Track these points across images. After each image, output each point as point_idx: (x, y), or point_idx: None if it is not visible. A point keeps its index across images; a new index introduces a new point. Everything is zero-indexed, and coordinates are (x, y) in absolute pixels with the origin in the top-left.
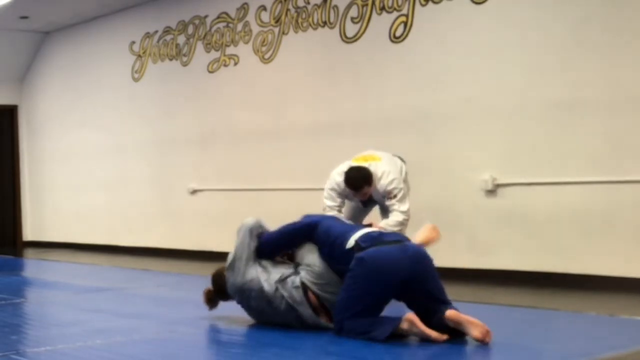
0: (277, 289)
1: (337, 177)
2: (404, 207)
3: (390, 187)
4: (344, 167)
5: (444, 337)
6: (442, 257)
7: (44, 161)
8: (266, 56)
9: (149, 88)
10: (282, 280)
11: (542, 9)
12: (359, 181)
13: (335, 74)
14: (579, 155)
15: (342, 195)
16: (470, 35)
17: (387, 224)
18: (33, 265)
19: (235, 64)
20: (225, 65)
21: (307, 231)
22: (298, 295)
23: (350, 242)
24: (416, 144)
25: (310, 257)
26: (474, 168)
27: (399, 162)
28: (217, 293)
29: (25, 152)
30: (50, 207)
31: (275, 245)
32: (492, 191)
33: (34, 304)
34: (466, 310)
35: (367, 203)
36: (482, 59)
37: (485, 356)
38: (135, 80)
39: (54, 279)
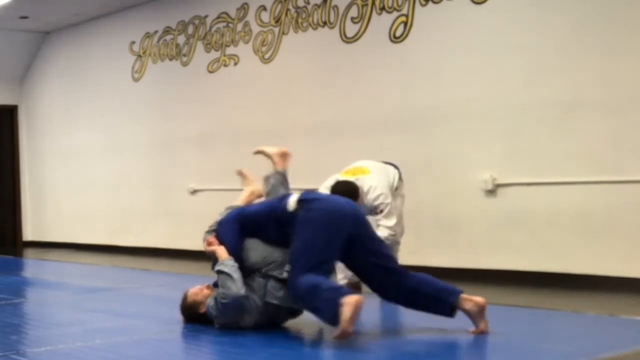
0: (266, 304)
1: (325, 191)
2: (390, 222)
3: (376, 203)
4: (332, 181)
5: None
6: (442, 257)
7: (44, 161)
8: (266, 56)
9: (149, 88)
10: (265, 293)
11: (542, 9)
12: (345, 197)
13: (335, 74)
14: (579, 155)
15: None
16: (470, 35)
17: None
18: (33, 265)
19: (235, 64)
20: (225, 65)
21: (240, 224)
22: (284, 294)
23: (292, 205)
24: (416, 144)
25: (262, 254)
26: (474, 168)
27: (391, 171)
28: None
29: (25, 152)
30: (50, 207)
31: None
32: (492, 191)
33: (34, 304)
34: None
35: None
36: (482, 59)
37: (485, 356)
38: (136, 80)
39: (54, 279)
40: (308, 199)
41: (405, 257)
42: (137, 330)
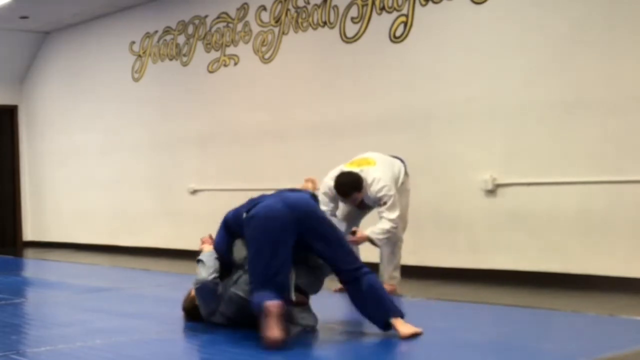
0: (234, 294)
1: (329, 181)
2: (393, 215)
3: (379, 195)
4: (337, 171)
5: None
6: (442, 257)
7: (44, 161)
8: (266, 56)
9: (149, 88)
10: (235, 283)
11: (542, 8)
12: (347, 188)
13: (335, 74)
14: (579, 155)
15: (335, 199)
16: (470, 35)
17: (372, 232)
18: (33, 265)
19: (235, 64)
20: (225, 65)
21: (226, 226)
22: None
23: (244, 215)
24: (416, 144)
25: (243, 252)
26: (474, 168)
27: (397, 164)
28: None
29: (25, 152)
30: (50, 207)
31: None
32: (492, 191)
33: (34, 304)
34: (466, 310)
35: (362, 206)
36: (482, 59)
37: (485, 356)
38: (135, 80)
39: (54, 279)
40: (250, 208)
41: (406, 257)
42: (137, 330)
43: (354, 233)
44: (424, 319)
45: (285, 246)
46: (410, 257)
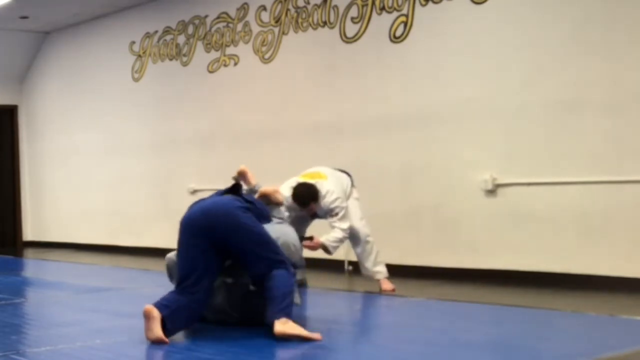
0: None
1: (285, 192)
2: (344, 225)
3: (332, 206)
4: (292, 182)
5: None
6: (442, 257)
7: (44, 161)
8: (266, 56)
9: (149, 88)
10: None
11: (542, 9)
12: (306, 198)
13: (335, 74)
14: (579, 155)
15: (290, 209)
16: (470, 35)
17: (327, 240)
18: (33, 265)
19: (235, 64)
20: (225, 65)
21: None
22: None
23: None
24: (416, 144)
25: None
26: (474, 168)
27: (344, 178)
28: None
29: (25, 152)
30: (50, 207)
31: None
32: (492, 191)
33: (34, 304)
34: (466, 310)
35: (313, 216)
36: (482, 59)
37: (485, 356)
38: (135, 80)
39: (54, 279)
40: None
41: (406, 257)
42: (137, 330)
43: (311, 238)
44: (424, 319)
45: (196, 249)
46: (410, 257)
